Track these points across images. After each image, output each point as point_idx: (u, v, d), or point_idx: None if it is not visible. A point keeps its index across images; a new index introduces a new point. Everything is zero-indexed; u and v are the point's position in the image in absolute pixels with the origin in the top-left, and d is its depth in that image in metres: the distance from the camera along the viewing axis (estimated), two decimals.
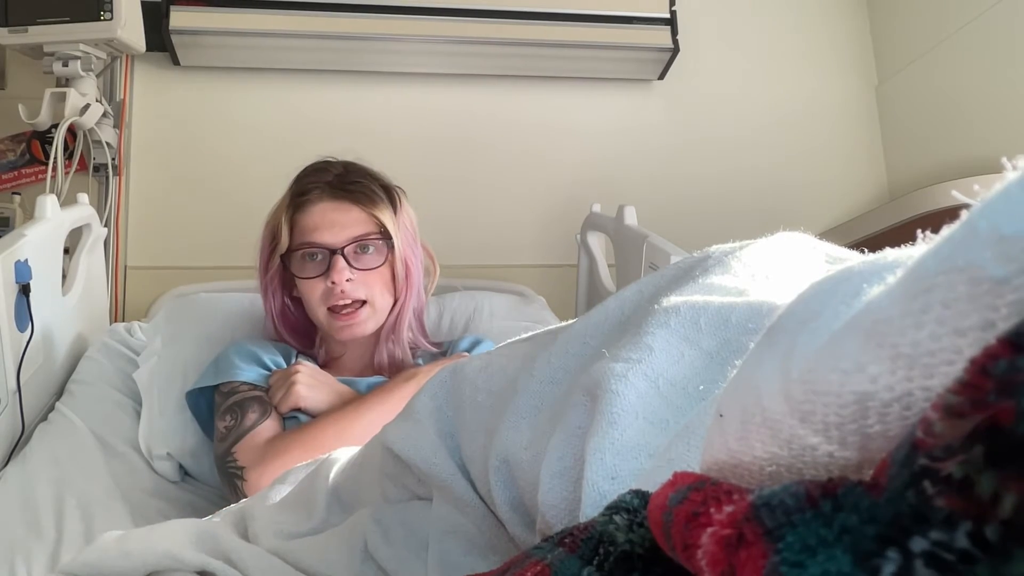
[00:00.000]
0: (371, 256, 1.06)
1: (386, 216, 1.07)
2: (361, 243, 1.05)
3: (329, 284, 1.03)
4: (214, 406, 1.04)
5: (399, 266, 1.08)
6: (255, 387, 1.02)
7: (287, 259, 1.08)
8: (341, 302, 1.04)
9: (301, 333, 1.16)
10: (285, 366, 1.08)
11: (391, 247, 1.07)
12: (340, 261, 1.03)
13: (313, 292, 1.06)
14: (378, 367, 1.12)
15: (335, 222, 1.05)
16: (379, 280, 1.07)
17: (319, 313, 1.07)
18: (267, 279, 1.11)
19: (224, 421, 0.98)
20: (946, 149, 1.70)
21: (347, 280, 1.03)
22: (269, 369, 1.06)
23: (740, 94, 1.88)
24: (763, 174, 1.85)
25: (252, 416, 0.96)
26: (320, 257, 1.05)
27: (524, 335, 0.50)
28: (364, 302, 1.06)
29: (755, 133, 1.87)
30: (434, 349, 1.18)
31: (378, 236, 1.07)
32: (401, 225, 1.10)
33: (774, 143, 1.87)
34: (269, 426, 0.96)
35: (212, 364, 1.08)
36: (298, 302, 1.13)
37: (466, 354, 1.11)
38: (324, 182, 1.08)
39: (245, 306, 1.31)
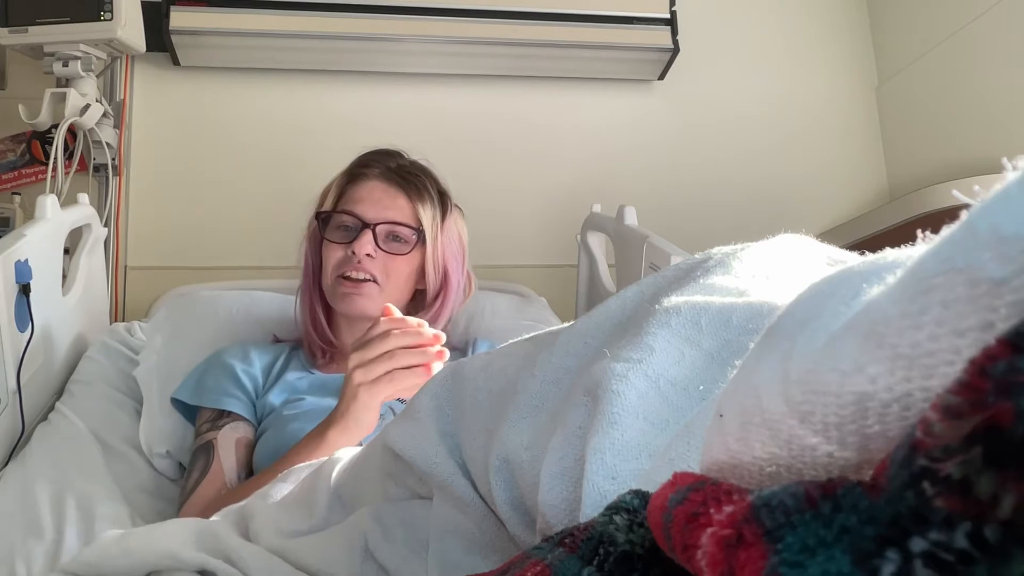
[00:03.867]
0: (400, 244, 1.08)
1: (427, 214, 1.09)
2: (395, 228, 1.07)
3: (349, 253, 1.05)
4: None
5: (430, 266, 1.09)
6: (214, 421, 1.02)
7: (324, 219, 1.10)
8: (354, 273, 1.05)
9: (324, 310, 1.14)
10: (258, 376, 1.07)
11: (422, 243, 1.08)
12: (368, 235, 1.05)
13: (332, 256, 1.07)
14: None
15: (379, 201, 1.08)
16: (398, 269, 1.07)
17: (330, 279, 1.07)
18: (309, 238, 1.13)
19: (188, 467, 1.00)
20: (946, 149, 1.70)
21: (367, 255, 1.04)
22: (241, 384, 1.06)
23: (740, 94, 1.88)
24: (763, 174, 1.85)
25: (195, 475, 0.97)
26: (352, 228, 1.07)
27: (525, 335, 0.50)
28: (375, 281, 1.06)
29: (755, 133, 1.87)
30: None
31: (414, 229, 1.08)
32: (445, 231, 1.12)
33: (774, 143, 1.87)
34: (209, 482, 0.95)
35: (191, 375, 1.09)
36: None
37: None
38: (385, 164, 1.12)
39: (246, 304, 1.30)
